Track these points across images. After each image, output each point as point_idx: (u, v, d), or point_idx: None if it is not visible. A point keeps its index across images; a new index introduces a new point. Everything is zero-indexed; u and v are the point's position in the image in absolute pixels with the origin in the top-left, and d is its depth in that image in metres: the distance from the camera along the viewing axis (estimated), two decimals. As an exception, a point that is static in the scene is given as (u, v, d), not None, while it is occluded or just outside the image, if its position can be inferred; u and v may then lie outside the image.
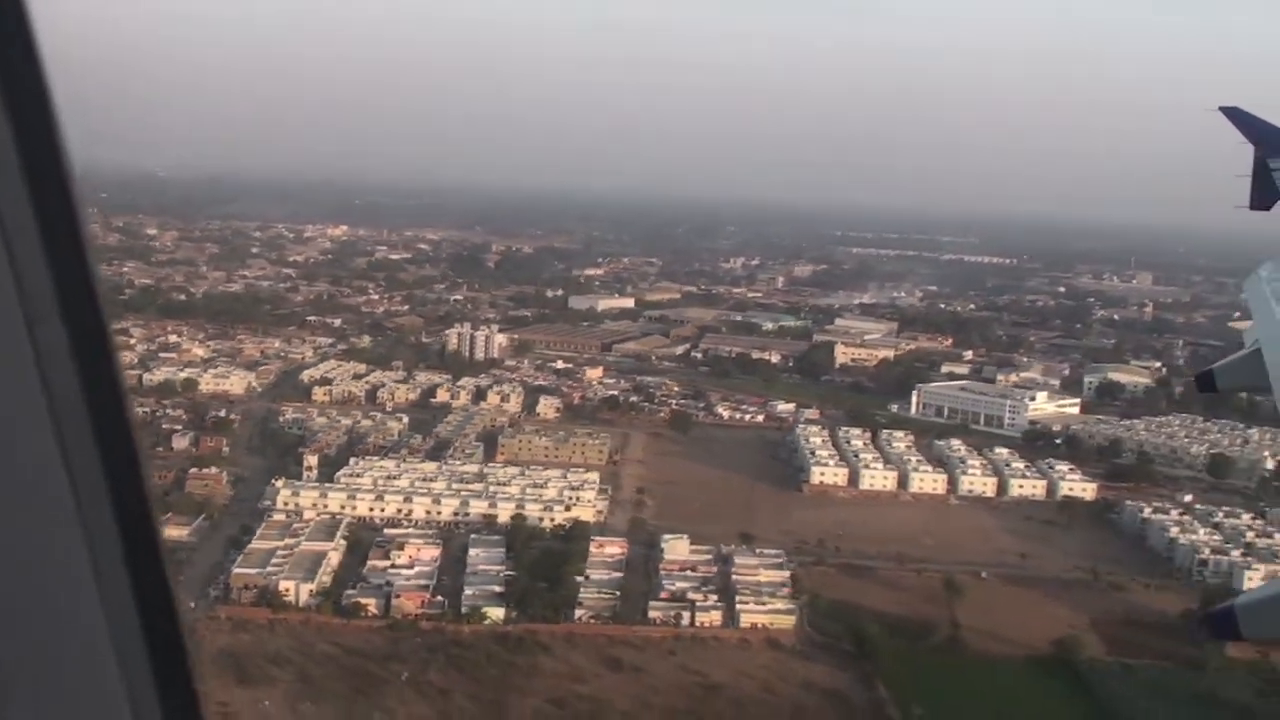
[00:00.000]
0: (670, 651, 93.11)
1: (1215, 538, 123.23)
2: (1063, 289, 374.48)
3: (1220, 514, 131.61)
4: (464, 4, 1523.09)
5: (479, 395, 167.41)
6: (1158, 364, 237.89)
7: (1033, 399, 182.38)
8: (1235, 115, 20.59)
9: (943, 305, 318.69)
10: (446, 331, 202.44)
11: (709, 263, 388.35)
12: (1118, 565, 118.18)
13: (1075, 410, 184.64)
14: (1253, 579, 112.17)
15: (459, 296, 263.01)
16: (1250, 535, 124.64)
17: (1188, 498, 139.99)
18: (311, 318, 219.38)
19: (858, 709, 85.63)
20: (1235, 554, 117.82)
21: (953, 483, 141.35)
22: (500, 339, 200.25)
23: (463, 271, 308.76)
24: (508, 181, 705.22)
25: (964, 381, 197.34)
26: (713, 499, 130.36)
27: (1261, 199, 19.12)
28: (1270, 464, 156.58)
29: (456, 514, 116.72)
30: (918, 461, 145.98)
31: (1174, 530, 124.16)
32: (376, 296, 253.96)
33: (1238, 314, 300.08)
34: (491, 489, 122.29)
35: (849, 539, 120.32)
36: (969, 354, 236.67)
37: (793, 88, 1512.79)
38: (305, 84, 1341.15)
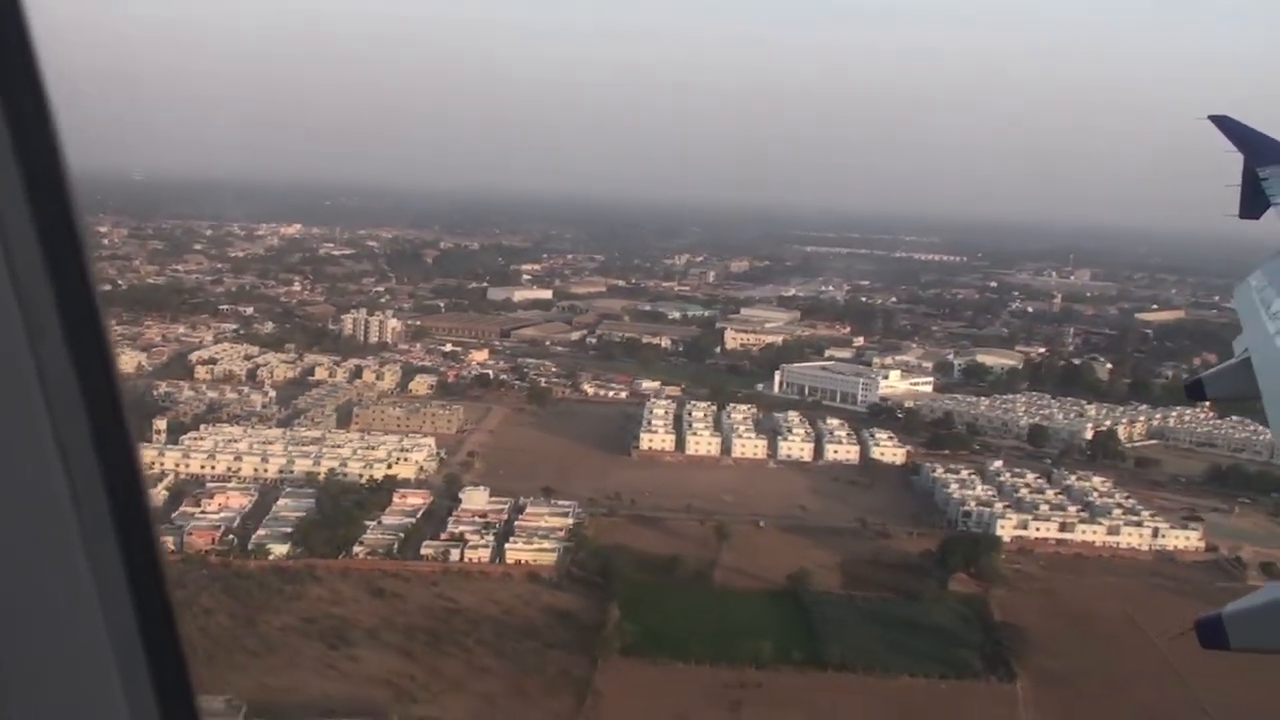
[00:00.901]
0: (433, 583, 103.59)
1: (989, 493, 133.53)
2: (994, 284, 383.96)
3: (1008, 475, 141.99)
4: (466, 5, 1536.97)
5: (356, 374, 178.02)
6: (1042, 350, 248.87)
7: (885, 378, 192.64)
8: (1224, 124, 20.41)
9: (864, 298, 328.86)
10: (343, 317, 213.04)
11: (654, 260, 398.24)
12: (893, 517, 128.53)
13: (929, 389, 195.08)
14: (1004, 526, 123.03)
15: (382, 288, 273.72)
16: (1023, 491, 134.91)
17: (997, 463, 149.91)
18: (225, 306, 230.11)
19: (581, 627, 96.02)
20: (998, 506, 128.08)
21: (773, 448, 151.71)
22: (395, 324, 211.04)
23: (397, 266, 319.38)
24: (488, 185, 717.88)
25: (828, 363, 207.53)
26: (540, 461, 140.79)
27: (1250, 208, 18.96)
28: (1088, 435, 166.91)
29: (281, 471, 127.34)
30: (745, 430, 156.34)
31: (954, 487, 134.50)
32: (299, 288, 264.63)
33: (1154, 305, 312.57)
34: (324, 450, 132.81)
35: (652, 495, 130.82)
36: (860, 340, 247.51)
37: (776, 93, 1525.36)
38: (294, 89, 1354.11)
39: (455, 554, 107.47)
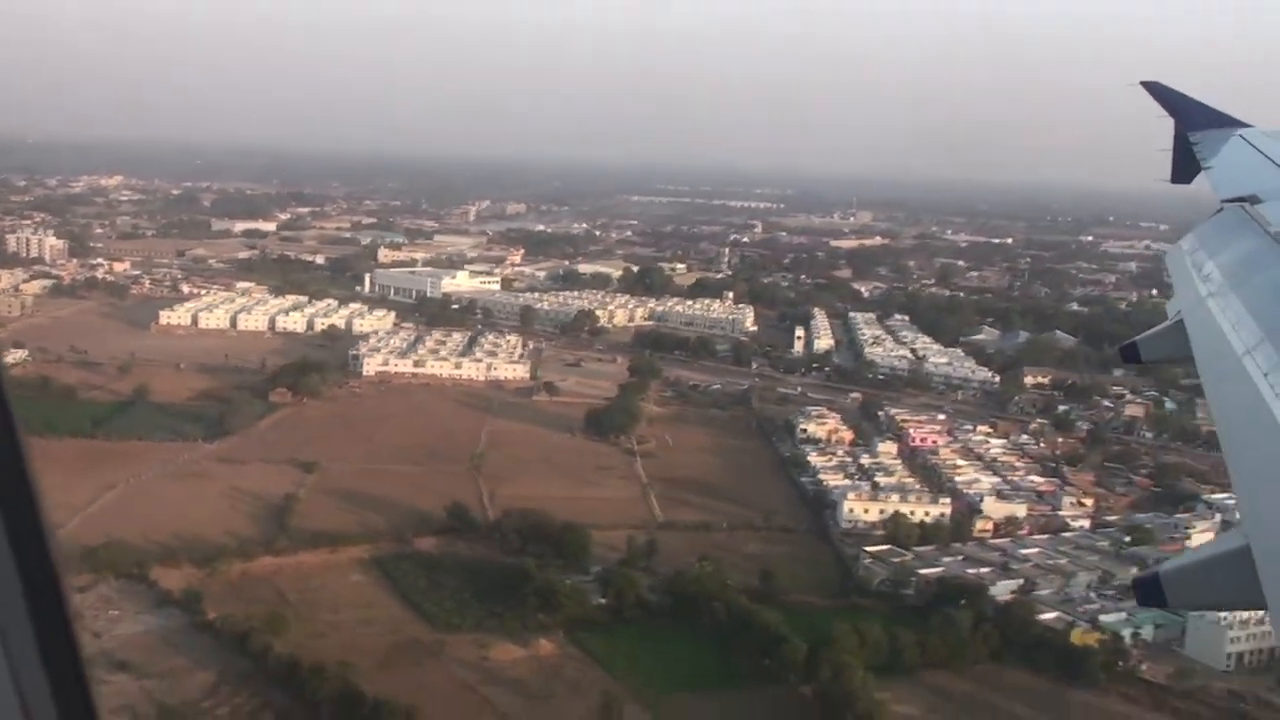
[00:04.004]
0: None
1: (403, 343, 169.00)
2: (755, 223, 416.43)
3: (434, 336, 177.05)
4: None
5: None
6: (684, 265, 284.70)
7: (454, 278, 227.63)
8: (1156, 90, 20.20)
9: (597, 231, 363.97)
10: (10, 236, 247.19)
11: (443, 207, 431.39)
12: (305, 361, 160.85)
13: (496, 287, 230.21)
14: (369, 364, 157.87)
15: (106, 222, 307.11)
16: (429, 342, 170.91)
17: (440, 331, 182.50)
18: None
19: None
20: (384, 353, 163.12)
21: (273, 324, 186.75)
22: (54, 243, 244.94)
23: (169, 208, 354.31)
24: (381, 146, 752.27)
25: (416, 268, 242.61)
26: (75, 333, 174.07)
27: (1181, 172, 18.86)
28: (572, 316, 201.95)
29: None
30: (259, 310, 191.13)
31: (371, 341, 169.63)
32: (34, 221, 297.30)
33: (879, 236, 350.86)
34: None
35: (141, 354, 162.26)
36: (517, 258, 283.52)
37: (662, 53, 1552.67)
38: (236, 52, 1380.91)
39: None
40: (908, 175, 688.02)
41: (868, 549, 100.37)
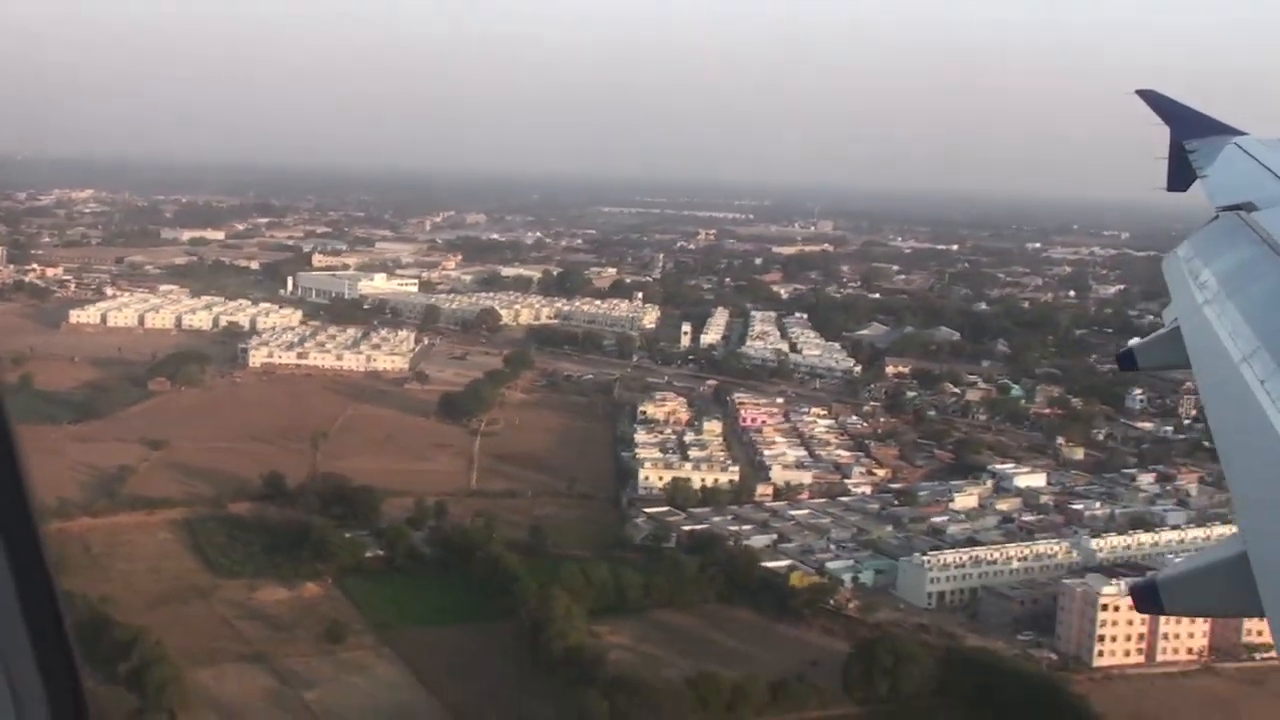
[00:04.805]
0: None
1: (293, 338, 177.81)
2: (712, 231, 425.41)
3: (329, 331, 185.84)
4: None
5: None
6: (615, 270, 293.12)
7: (370, 280, 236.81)
8: (1151, 98, 20.07)
9: (548, 239, 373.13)
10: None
11: (406, 218, 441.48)
12: (179, 355, 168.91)
13: (413, 289, 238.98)
14: (255, 355, 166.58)
15: (55, 232, 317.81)
16: (320, 337, 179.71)
17: (354, 331, 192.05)
18: None
19: None
20: (274, 345, 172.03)
21: (179, 322, 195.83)
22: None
23: (129, 217, 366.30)
24: (364, 162, 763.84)
25: (339, 270, 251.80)
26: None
27: (1177, 180, 18.75)
28: (476, 315, 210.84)
29: None
30: (168, 311, 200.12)
31: (264, 335, 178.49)
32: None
33: (826, 244, 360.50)
34: None
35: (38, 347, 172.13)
36: (452, 263, 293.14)
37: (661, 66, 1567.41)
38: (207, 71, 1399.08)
39: None
40: (903, 187, 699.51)
41: (647, 510, 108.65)
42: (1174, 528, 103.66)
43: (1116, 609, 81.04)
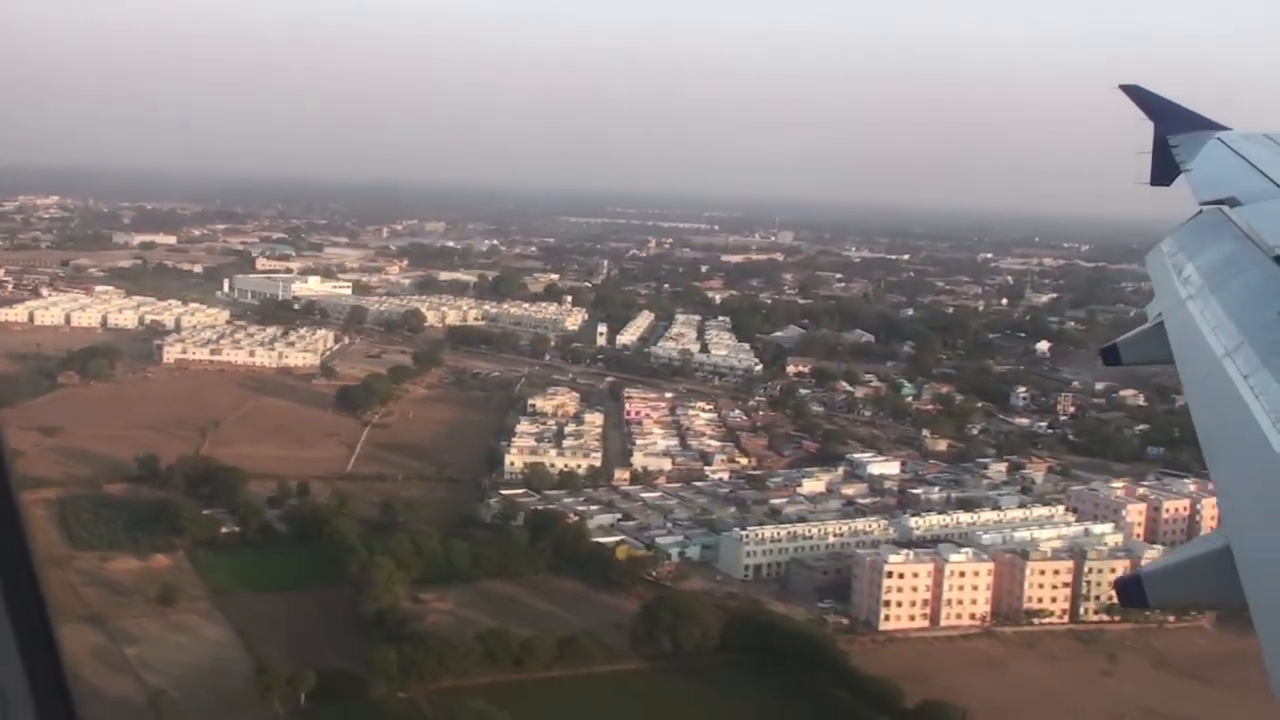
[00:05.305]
0: None
1: (210, 336, 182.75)
2: (666, 240, 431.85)
3: (249, 330, 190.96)
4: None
5: None
6: (557, 276, 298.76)
7: (306, 282, 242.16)
8: (1135, 93, 20.27)
9: (503, 247, 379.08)
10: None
11: (366, 225, 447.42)
12: (94, 351, 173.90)
13: (347, 291, 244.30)
14: (169, 352, 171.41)
15: (5, 236, 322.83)
16: (239, 335, 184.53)
17: (274, 330, 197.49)
18: None
19: None
20: (189, 344, 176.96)
21: (103, 322, 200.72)
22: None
23: (89, 222, 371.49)
24: (347, 173, 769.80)
25: (275, 273, 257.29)
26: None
27: (1161, 175, 18.88)
28: (399, 317, 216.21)
29: None
30: (98, 311, 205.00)
31: (180, 336, 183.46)
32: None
33: (778, 253, 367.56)
34: None
35: None
36: (395, 268, 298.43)
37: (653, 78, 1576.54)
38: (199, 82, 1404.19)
39: None
40: (880, 201, 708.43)
41: (504, 492, 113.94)
42: (995, 508, 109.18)
43: (902, 576, 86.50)
